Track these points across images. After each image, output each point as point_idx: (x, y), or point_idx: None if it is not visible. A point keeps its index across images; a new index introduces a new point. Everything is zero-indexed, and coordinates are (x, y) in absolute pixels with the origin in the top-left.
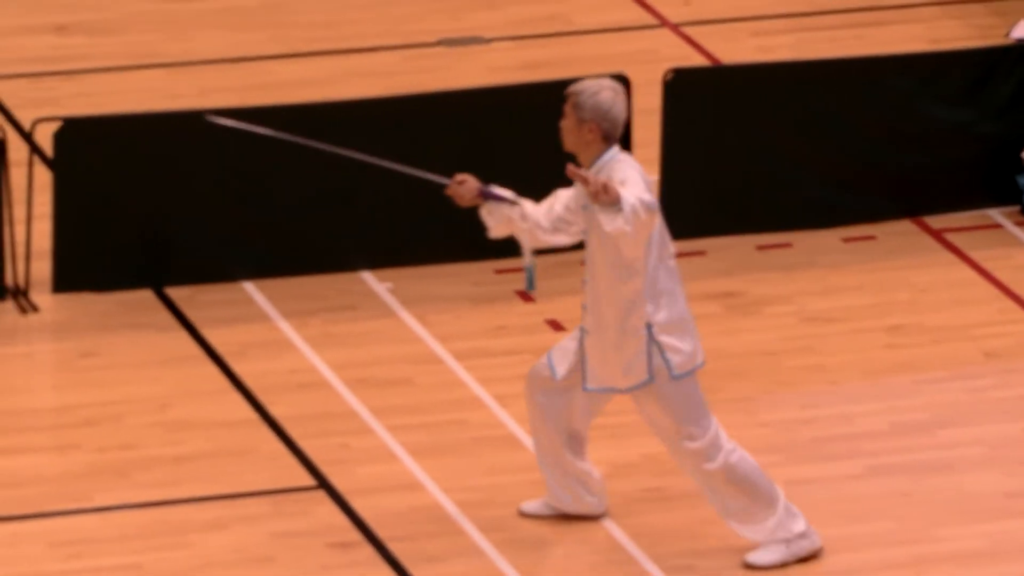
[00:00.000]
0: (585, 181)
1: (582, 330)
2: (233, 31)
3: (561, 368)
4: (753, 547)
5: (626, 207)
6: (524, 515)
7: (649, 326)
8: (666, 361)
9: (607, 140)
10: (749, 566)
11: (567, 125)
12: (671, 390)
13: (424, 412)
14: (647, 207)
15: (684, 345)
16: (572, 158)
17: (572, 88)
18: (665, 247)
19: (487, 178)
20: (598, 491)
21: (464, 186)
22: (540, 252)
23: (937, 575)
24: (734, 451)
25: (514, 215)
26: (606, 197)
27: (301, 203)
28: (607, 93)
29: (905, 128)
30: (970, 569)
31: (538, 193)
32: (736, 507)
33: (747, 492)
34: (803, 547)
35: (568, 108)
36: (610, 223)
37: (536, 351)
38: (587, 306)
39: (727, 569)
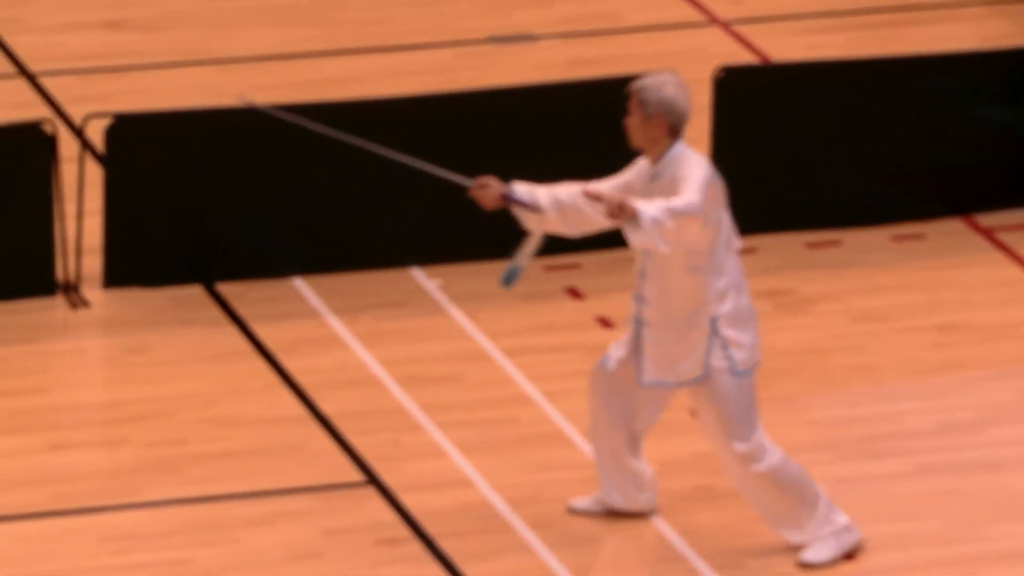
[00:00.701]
0: (599, 199)
1: (639, 322)
2: (282, 28)
3: (613, 357)
4: (803, 546)
5: (645, 221)
6: (574, 511)
7: (714, 320)
8: (728, 356)
9: (673, 134)
10: (805, 565)
11: (633, 122)
12: (729, 386)
13: (473, 409)
14: (675, 213)
15: (746, 340)
16: (625, 154)
17: (635, 84)
18: (732, 240)
19: (536, 175)
20: (650, 489)
21: (486, 190)
22: (591, 248)
23: (985, 574)
24: (777, 453)
25: (545, 216)
26: (623, 215)
27: (351, 199)
28: (671, 87)
29: (954, 126)
30: (1018, 568)
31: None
32: (781, 511)
33: (793, 494)
34: (850, 539)
35: (633, 105)
36: (634, 238)
37: (585, 348)
38: (648, 298)
39: (776, 567)
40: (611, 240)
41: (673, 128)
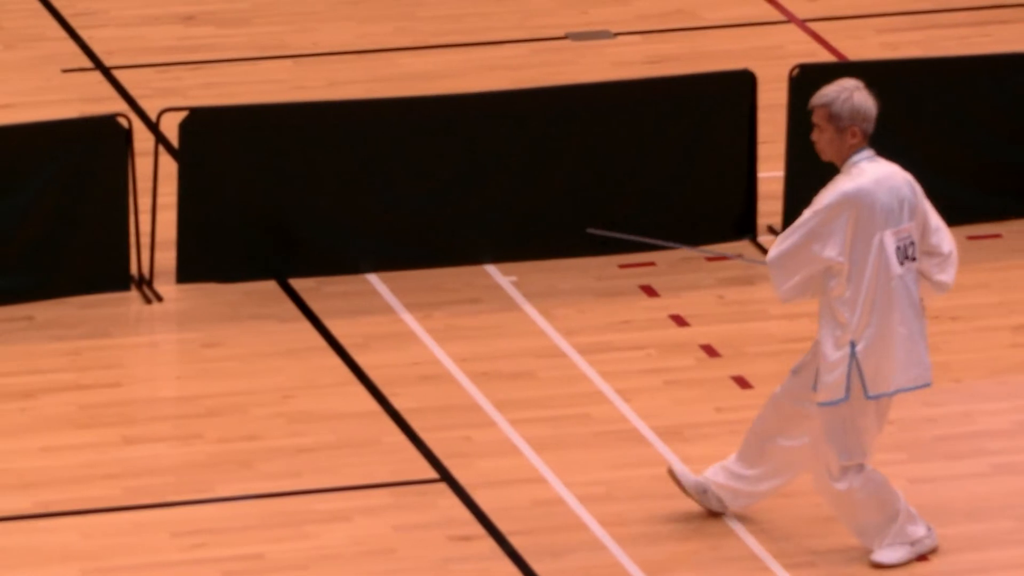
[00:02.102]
0: None
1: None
2: (360, 23)
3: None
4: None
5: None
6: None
7: (852, 343)
8: (861, 380)
9: (866, 139)
10: (876, 565)
11: (825, 138)
12: (854, 410)
13: (547, 406)
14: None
15: (882, 366)
16: (701, 149)
17: (819, 99)
18: (888, 265)
19: (611, 172)
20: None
21: None
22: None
23: None
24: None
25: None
26: None
27: (426, 196)
28: (858, 94)
29: None
30: None
31: (661, 187)
32: (869, 524)
33: (877, 507)
34: (926, 546)
35: (821, 121)
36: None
37: (659, 346)
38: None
39: (848, 565)
40: (686, 239)
41: (866, 134)
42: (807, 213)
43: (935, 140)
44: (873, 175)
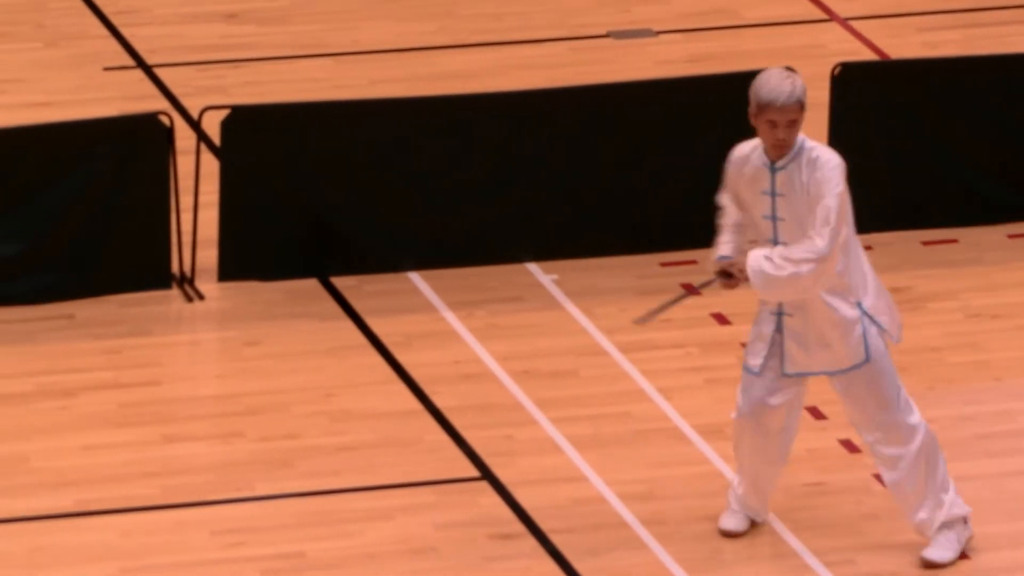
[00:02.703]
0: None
1: (780, 315)
2: (400, 21)
3: (754, 361)
4: (922, 544)
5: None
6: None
7: (860, 305)
8: (882, 338)
9: None
10: (930, 564)
11: (796, 127)
12: (883, 367)
13: (588, 404)
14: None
15: (892, 319)
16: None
17: (799, 92)
18: (853, 230)
19: (651, 171)
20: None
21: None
22: (707, 245)
23: None
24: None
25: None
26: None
27: (467, 194)
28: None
29: None
30: None
31: (703, 185)
32: (931, 487)
33: (937, 468)
34: (966, 535)
35: (798, 113)
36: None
37: (701, 344)
38: None
39: (888, 564)
40: None
41: None
42: (831, 199)
43: (975, 138)
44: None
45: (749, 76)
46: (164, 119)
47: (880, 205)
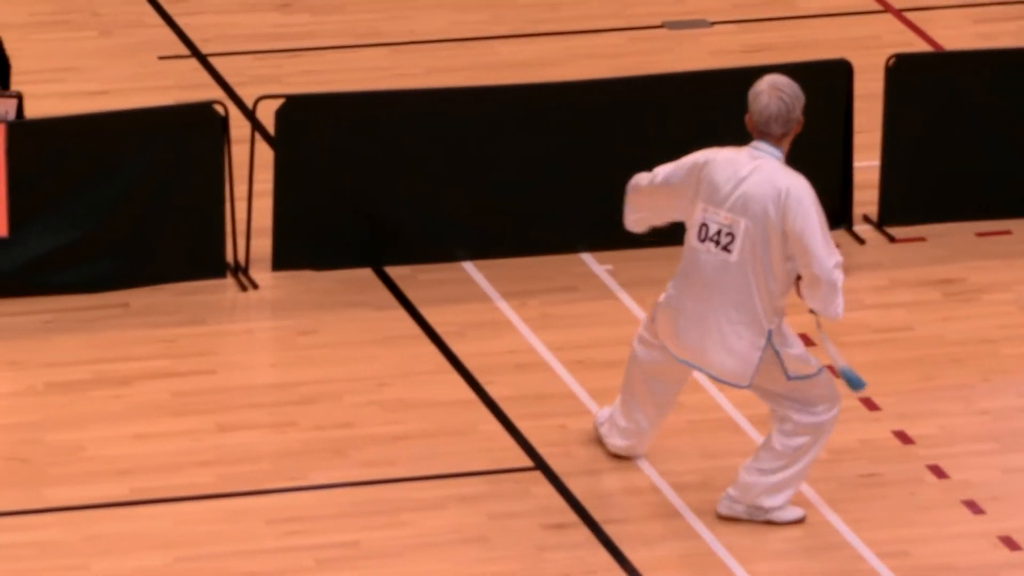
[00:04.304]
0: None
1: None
2: (457, 11)
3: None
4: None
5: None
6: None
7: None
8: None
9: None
10: (784, 522)
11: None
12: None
13: None
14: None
15: (657, 317)
16: (796, 140)
17: (801, 103)
18: (689, 233)
19: None
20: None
21: None
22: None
23: None
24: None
25: None
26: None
27: (522, 184)
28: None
29: None
30: None
31: None
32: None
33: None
34: (761, 517)
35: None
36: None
37: None
38: None
39: (942, 556)
40: None
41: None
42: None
43: None
44: None
45: (804, 67)
46: (219, 108)
47: (934, 196)
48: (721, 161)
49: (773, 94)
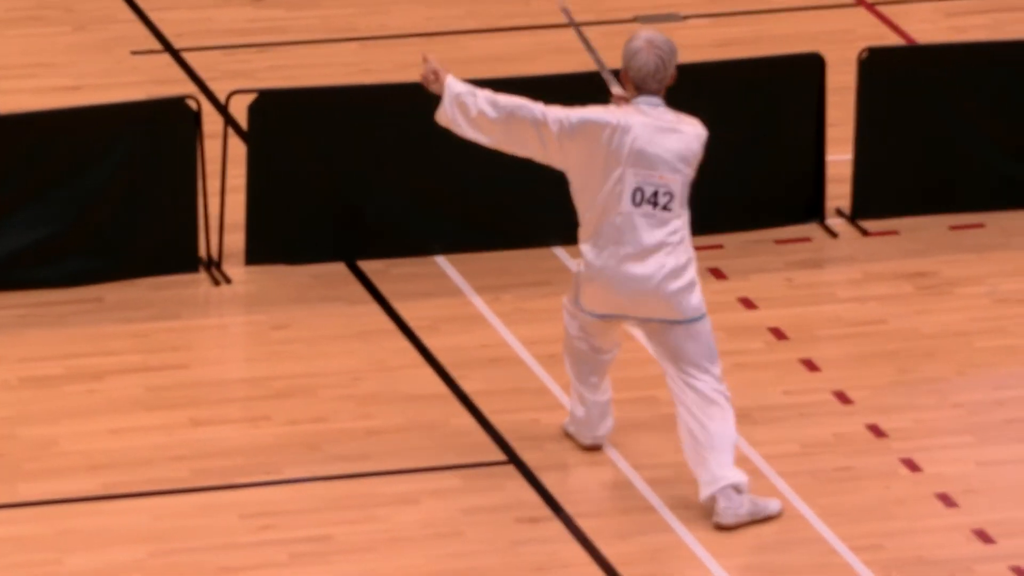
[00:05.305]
0: (424, 60)
1: None
2: (429, 6)
3: None
4: (951, 526)
5: (447, 96)
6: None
7: (579, 263)
8: (574, 292)
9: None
10: (737, 488)
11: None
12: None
13: (614, 388)
14: (492, 101)
15: (585, 290)
16: (771, 134)
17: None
18: (618, 201)
19: None
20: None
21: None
22: (734, 229)
23: None
24: None
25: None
26: (436, 86)
27: (495, 178)
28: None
29: None
30: None
31: (729, 169)
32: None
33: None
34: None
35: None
36: (438, 112)
37: (728, 329)
38: None
39: (916, 549)
40: (754, 221)
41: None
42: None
43: (1002, 123)
44: None
45: (776, 60)
46: (191, 103)
47: (907, 190)
48: (636, 125)
49: (651, 51)
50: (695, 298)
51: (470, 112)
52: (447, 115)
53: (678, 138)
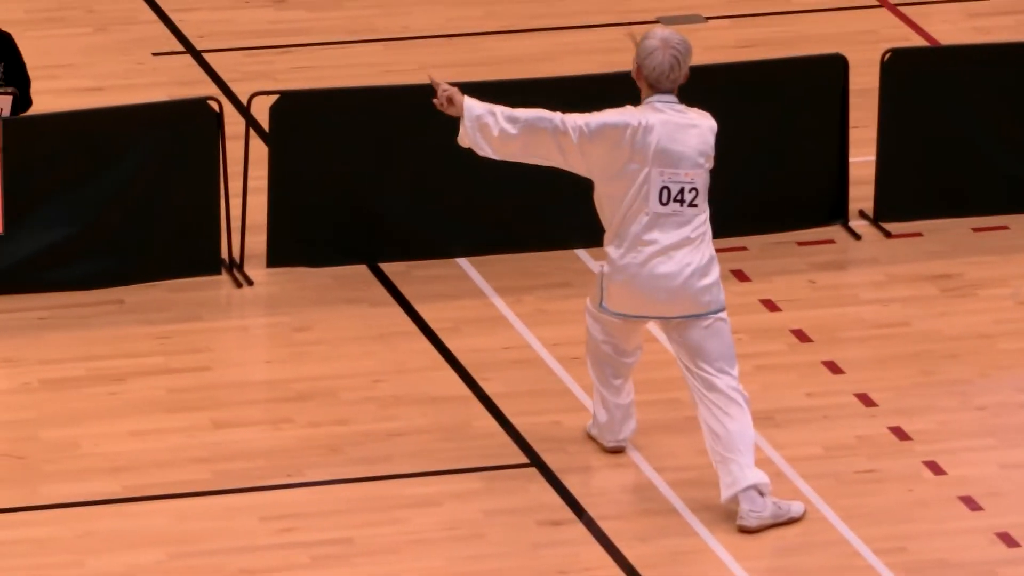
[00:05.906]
0: (436, 86)
1: None
2: (450, 7)
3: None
4: (972, 529)
5: (468, 119)
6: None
7: (603, 265)
8: (599, 293)
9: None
10: (758, 487)
11: None
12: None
13: (637, 391)
14: (511, 119)
15: (610, 291)
16: (788, 136)
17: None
18: (645, 202)
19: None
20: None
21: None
22: (757, 232)
23: None
24: None
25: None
26: (452, 109)
27: (517, 180)
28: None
29: None
30: None
31: (752, 171)
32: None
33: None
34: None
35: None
36: (460, 135)
37: (750, 331)
38: None
39: (937, 552)
40: (777, 223)
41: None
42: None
43: None
44: None
45: (799, 62)
46: (213, 104)
47: (930, 191)
48: (657, 124)
49: (666, 51)
50: (719, 293)
51: (492, 132)
52: (469, 138)
53: (697, 133)
